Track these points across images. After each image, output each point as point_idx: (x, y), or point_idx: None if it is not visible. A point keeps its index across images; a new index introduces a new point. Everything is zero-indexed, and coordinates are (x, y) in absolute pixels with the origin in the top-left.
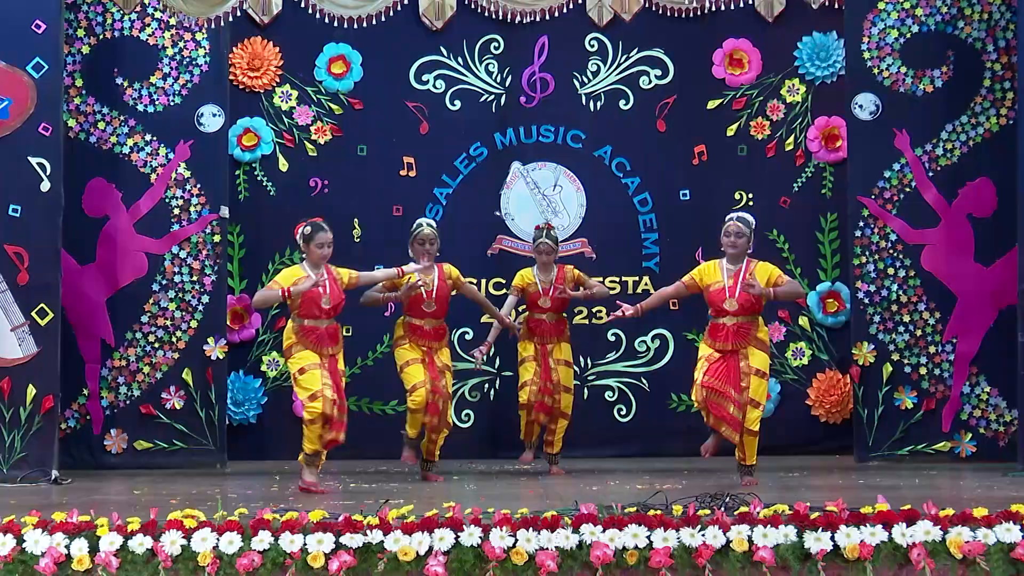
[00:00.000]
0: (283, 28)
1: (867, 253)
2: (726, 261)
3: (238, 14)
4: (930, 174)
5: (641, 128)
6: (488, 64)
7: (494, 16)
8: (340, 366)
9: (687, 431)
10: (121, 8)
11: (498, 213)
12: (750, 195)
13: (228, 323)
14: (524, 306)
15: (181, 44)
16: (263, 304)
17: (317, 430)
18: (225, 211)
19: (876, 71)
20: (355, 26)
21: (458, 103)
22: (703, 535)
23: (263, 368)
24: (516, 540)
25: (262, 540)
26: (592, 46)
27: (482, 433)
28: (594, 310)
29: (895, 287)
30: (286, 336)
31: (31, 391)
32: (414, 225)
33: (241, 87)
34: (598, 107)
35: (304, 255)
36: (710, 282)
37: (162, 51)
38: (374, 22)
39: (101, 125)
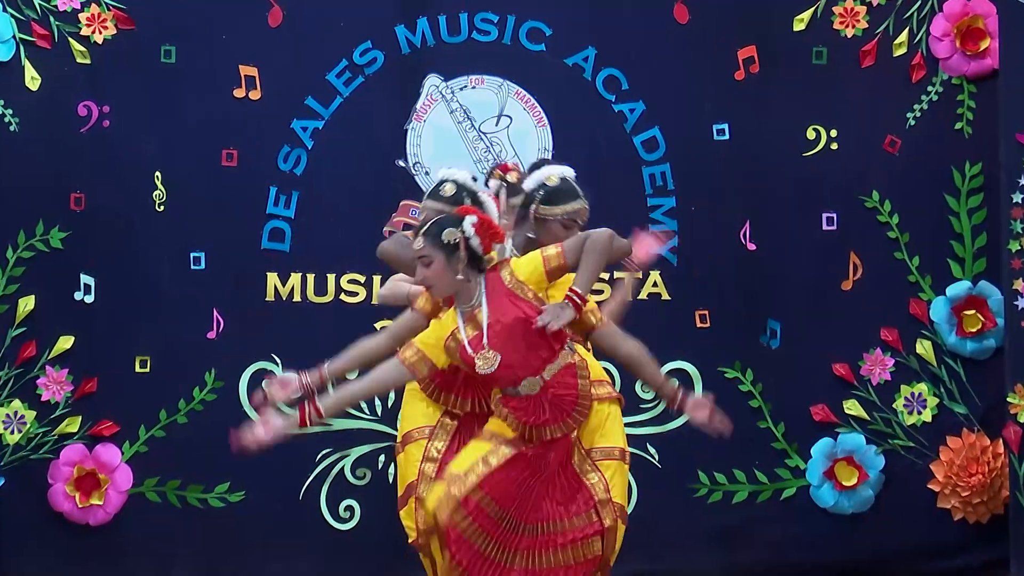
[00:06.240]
0: None
1: None
2: None
3: None
4: None
5: (647, 19)
6: None
7: None
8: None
9: (725, 533)
10: None
11: (402, 163)
12: (832, 132)
13: None
14: None
15: None
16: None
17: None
18: None
19: None
20: None
21: None
22: None
23: None
24: None
25: None
26: None
27: (374, 538)
28: None
29: None
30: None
31: None
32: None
33: None
34: None
35: None
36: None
37: None
38: None
39: None
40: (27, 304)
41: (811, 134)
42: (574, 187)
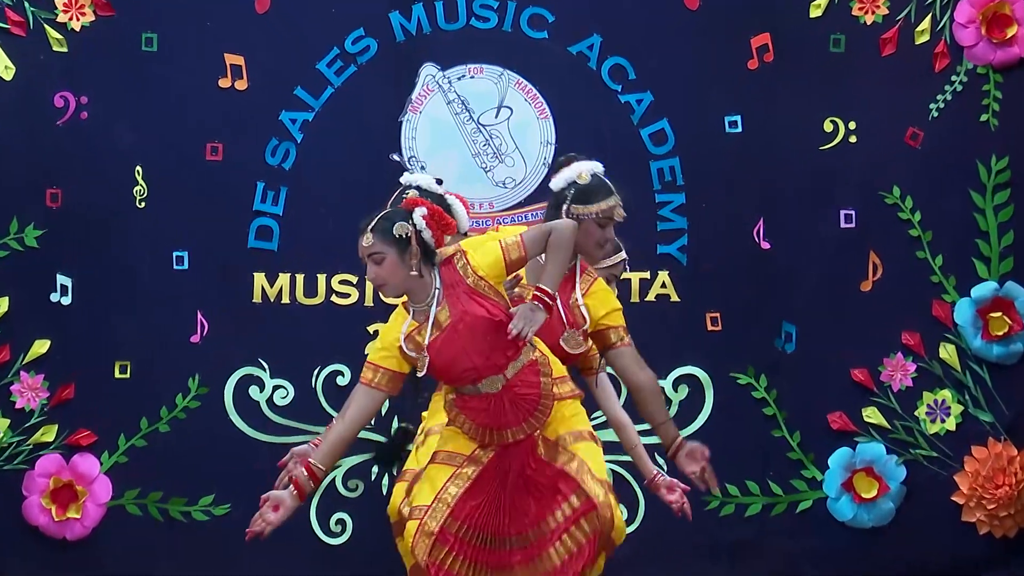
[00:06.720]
0: None
1: None
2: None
3: None
4: None
5: (655, 5)
6: None
7: None
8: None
9: (737, 548)
10: None
11: (396, 157)
12: (850, 125)
13: None
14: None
15: None
16: None
17: None
18: None
19: None
20: None
21: None
22: None
23: None
24: None
25: None
26: None
27: (367, 553)
28: None
29: None
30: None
31: None
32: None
33: None
34: None
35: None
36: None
37: None
38: None
39: None
40: (0, 306)
41: (828, 126)
42: (606, 183)
